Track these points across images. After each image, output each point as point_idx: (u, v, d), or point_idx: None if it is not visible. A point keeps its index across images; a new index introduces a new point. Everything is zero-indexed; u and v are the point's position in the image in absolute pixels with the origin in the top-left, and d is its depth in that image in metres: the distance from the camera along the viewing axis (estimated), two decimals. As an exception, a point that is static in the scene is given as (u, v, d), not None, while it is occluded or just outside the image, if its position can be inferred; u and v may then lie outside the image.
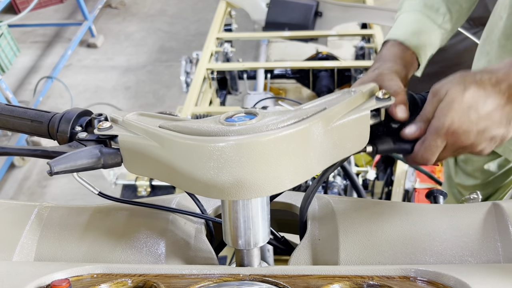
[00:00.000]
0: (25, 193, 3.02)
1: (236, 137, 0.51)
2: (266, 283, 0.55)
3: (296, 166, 0.53)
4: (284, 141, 0.51)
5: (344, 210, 0.68)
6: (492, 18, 1.08)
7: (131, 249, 0.66)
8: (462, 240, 0.61)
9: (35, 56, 4.29)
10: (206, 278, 0.57)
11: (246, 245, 0.60)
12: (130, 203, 0.71)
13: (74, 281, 0.57)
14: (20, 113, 0.68)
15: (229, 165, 0.51)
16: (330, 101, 0.59)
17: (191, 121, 0.58)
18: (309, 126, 0.53)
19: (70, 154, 0.58)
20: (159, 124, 0.58)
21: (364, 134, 0.60)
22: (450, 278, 0.53)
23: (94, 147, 0.60)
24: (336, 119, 0.56)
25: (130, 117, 0.61)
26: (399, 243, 0.63)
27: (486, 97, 0.61)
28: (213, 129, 0.53)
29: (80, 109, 0.68)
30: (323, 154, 0.56)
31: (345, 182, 1.68)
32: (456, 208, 0.65)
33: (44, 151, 0.62)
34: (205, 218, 0.70)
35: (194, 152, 0.52)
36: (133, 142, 0.58)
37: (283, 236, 0.73)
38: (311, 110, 0.56)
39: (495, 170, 1.23)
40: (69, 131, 0.65)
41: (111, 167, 0.61)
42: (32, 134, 0.69)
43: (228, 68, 2.41)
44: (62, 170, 0.57)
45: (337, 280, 0.55)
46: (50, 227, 0.69)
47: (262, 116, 0.55)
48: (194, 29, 4.52)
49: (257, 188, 0.52)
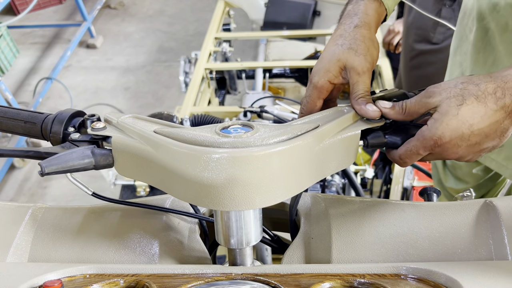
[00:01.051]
0: (25, 194, 3.02)
1: (229, 149, 0.52)
2: (257, 282, 0.55)
3: (287, 181, 0.54)
4: (277, 156, 0.52)
5: (337, 209, 0.68)
6: (459, 27, 1.06)
7: (124, 250, 0.66)
8: (454, 238, 0.62)
9: (35, 57, 4.29)
10: (199, 278, 0.57)
11: (238, 245, 0.60)
12: (124, 203, 0.71)
13: (66, 282, 0.57)
14: (13, 114, 0.68)
15: (221, 176, 0.52)
16: (323, 117, 0.62)
17: (187, 128, 0.58)
18: (301, 143, 0.54)
19: (62, 155, 0.58)
20: (154, 129, 0.58)
21: (352, 152, 0.62)
22: (441, 275, 0.53)
23: (86, 148, 0.60)
24: (327, 137, 0.58)
25: (125, 120, 0.61)
26: (391, 241, 0.63)
27: (485, 114, 0.57)
28: (208, 139, 0.54)
29: (73, 110, 0.68)
30: (314, 170, 0.57)
31: (344, 180, 1.68)
32: (448, 206, 0.65)
33: (37, 152, 0.62)
34: (198, 218, 0.71)
35: (188, 160, 0.52)
36: (127, 144, 0.58)
37: (276, 234, 0.73)
38: (304, 127, 0.58)
39: (484, 174, 1.22)
40: (62, 132, 0.65)
41: (103, 168, 0.61)
42: (26, 135, 0.69)
43: (227, 67, 2.41)
44: (53, 171, 0.57)
45: (328, 278, 0.55)
46: (44, 228, 0.69)
47: (257, 129, 0.56)
48: (193, 29, 4.52)
49: (248, 201, 0.53)
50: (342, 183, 1.68)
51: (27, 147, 0.69)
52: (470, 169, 1.21)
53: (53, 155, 0.59)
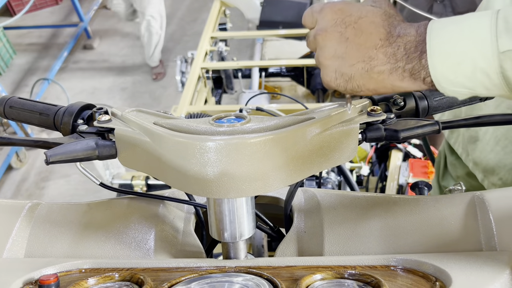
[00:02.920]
0: (23, 195, 3.03)
1: (221, 137, 0.53)
2: (250, 274, 0.56)
3: (280, 169, 0.55)
4: (268, 144, 0.53)
5: (329, 203, 0.69)
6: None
7: (120, 245, 0.67)
8: (444, 230, 0.63)
9: (31, 58, 4.29)
10: (193, 271, 0.58)
11: (232, 238, 0.61)
12: (129, 193, 0.75)
13: (62, 276, 0.58)
14: (30, 106, 0.73)
15: (212, 163, 0.53)
16: (321, 111, 0.61)
17: (184, 120, 0.60)
18: (293, 132, 0.55)
19: (66, 145, 0.61)
20: (153, 121, 0.60)
21: (352, 146, 0.61)
22: (430, 266, 0.54)
23: (91, 139, 0.63)
24: (323, 129, 0.58)
25: (129, 113, 0.64)
26: (382, 234, 0.64)
27: (372, 11, 0.54)
28: (202, 129, 0.56)
29: (83, 103, 0.72)
30: (309, 162, 0.58)
31: (339, 178, 1.69)
32: (438, 199, 0.66)
33: (46, 142, 0.66)
34: (194, 205, 0.72)
35: (181, 148, 0.54)
36: (128, 136, 0.61)
37: (276, 226, 0.75)
38: (298, 118, 0.58)
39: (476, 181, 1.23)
40: (71, 123, 0.69)
41: (106, 159, 0.64)
42: (41, 126, 0.73)
43: (223, 67, 2.42)
44: (57, 160, 0.60)
45: (320, 270, 0.56)
46: (40, 224, 0.70)
47: (250, 119, 0.57)
48: (190, 29, 4.53)
49: (240, 188, 0.54)
50: (338, 180, 1.69)
51: (35, 137, 0.72)
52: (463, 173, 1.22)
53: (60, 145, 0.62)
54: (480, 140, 1.01)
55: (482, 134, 1.01)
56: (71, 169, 3.02)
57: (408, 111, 0.68)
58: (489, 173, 1.00)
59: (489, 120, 0.68)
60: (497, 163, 0.97)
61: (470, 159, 1.05)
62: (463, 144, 1.08)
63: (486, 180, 1.02)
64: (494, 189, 0.65)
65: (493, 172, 0.99)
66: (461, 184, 0.74)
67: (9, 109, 0.74)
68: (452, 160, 1.24)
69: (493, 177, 1.00)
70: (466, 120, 0.67)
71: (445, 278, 0.51)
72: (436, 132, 0.63)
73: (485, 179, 1.02)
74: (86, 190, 2.90)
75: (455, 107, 0.69)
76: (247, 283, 0.54)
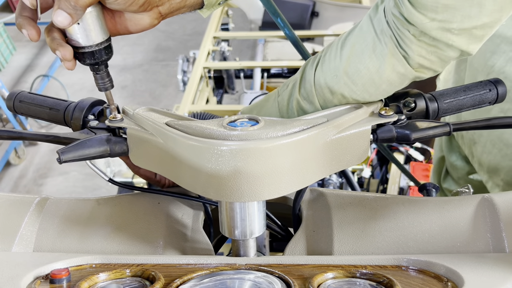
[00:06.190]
0: (21, 191, 3.01)
1: (236, 142, 0.54)
2: (261, 272, 0.56)
3: (293, 174, 0.55)
4: (284, 149, 0.53)
5: (338, 203, 0.70)
6: None
7: (129, 240, 0.67)
8: (453, 231, 0.63)
9: (31, 55, 4.28)
10: (203, 268, 0.58)
11: (242, 236, 0.61)
12: (138, 189, 0.74)
13: (73, 271, 0.58)
14: (40, 101, 0.73)
15: (227, 168, 0.53)
16: (333, 113, 0.62)
17: (196, 121, 0.60)
18: (308, 137, 0.55)
19: (78, 143, 0.61)
20: (165, 121, 0.61)
21: (363, 148, 0.62)
22: (441, 267, 0.54)
23: (102, 136, 0.63)
24: (336, 132, 0.58)
25: (140, 112, 0.64)
26: (391, 234, 0.64)
27: None
28: (215, 132, 0.56)
29: (93, 98, 0.72)
30: (321, 165, 0.58)
31: (341, 179, 1.70)
32: (447, 201, 0.67)
33: (56, 136, 0.66)
34: (204, 202, 0.72)
35: (195, 152, 0.54)
36: (140, 136, 0.61)
37: (285, 224, 0.75)
38: (312, 122, 0.58)
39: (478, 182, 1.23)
40: (82, 119, 0.69)
41: (118, 156, 0.64)
42: (51, 121, 0.73)
43: (225, 66, 2.42)
44: (70, 159, 0.60)
45: (331, 269, 0.56)
46: (49, 218, 0.70)
47: (263, 123, 0.57)
48: (191, 28, 4.53)
49: (254, 192, 0.54)
50: (340, 182, 1.69)
51: (47, 131, 0.72)
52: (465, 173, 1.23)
53: (71, 140, 0.63)
54: (478, 143, 1.03)
55: (477, 137, 1.02)
56: (69, 166, 3.02)
57: (418, 113, 0.68)
58: (493, 173, 1.02)
59: (500, 123, 0.68)
60: (496, 165, 0.99)
61: (475, 161, 1.06)
62: (468, 146, 1.09)
63: (490, 181, 1.03)
64: (503, 192, 0.65)
65: (496, 172, 1.00)
66: (469, 187, 0.74)
67: (19, 103, 0.74)
68: (452, 162, 1.25)
69: (496, 178, 1.01)
70: (476, 122, 0.67)
71: (456, 279, 0.52)
72: (447, 133, 0.63)
73: (489, 180, 1.03)
74: (84, 188, 2.89)
75: (465, 110, 0.70)
76: (259, 281, 0.54)
